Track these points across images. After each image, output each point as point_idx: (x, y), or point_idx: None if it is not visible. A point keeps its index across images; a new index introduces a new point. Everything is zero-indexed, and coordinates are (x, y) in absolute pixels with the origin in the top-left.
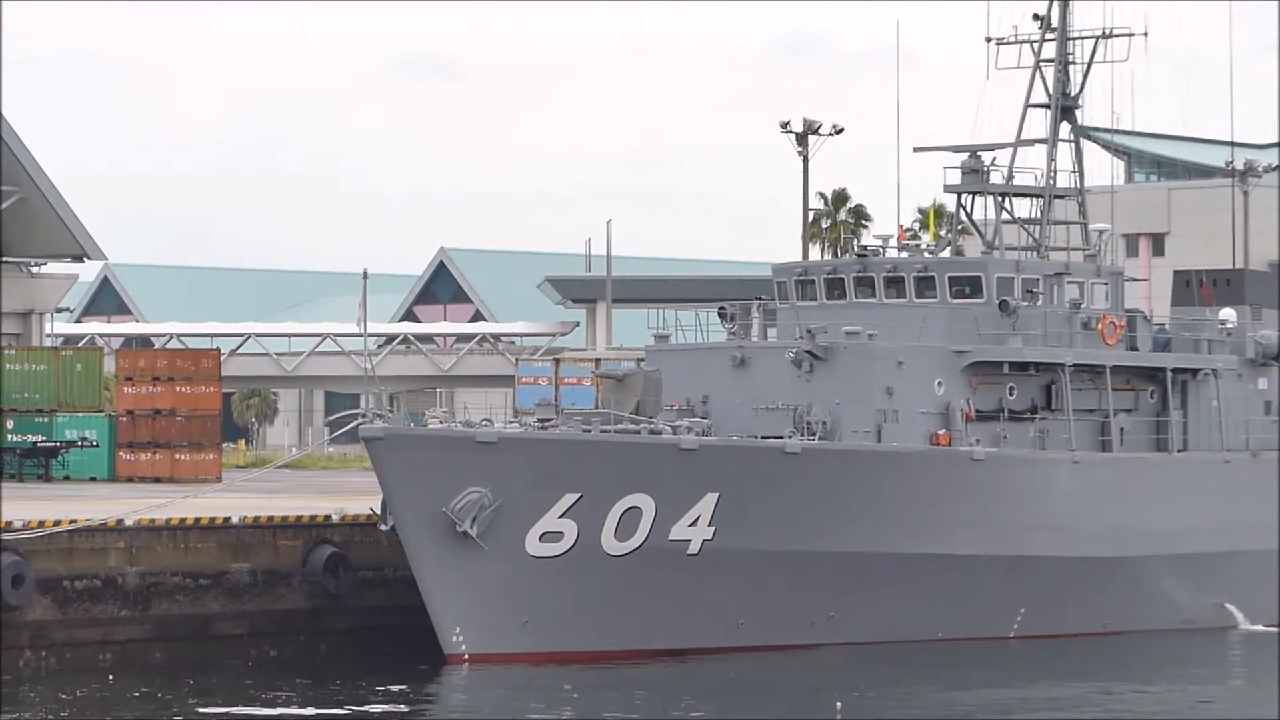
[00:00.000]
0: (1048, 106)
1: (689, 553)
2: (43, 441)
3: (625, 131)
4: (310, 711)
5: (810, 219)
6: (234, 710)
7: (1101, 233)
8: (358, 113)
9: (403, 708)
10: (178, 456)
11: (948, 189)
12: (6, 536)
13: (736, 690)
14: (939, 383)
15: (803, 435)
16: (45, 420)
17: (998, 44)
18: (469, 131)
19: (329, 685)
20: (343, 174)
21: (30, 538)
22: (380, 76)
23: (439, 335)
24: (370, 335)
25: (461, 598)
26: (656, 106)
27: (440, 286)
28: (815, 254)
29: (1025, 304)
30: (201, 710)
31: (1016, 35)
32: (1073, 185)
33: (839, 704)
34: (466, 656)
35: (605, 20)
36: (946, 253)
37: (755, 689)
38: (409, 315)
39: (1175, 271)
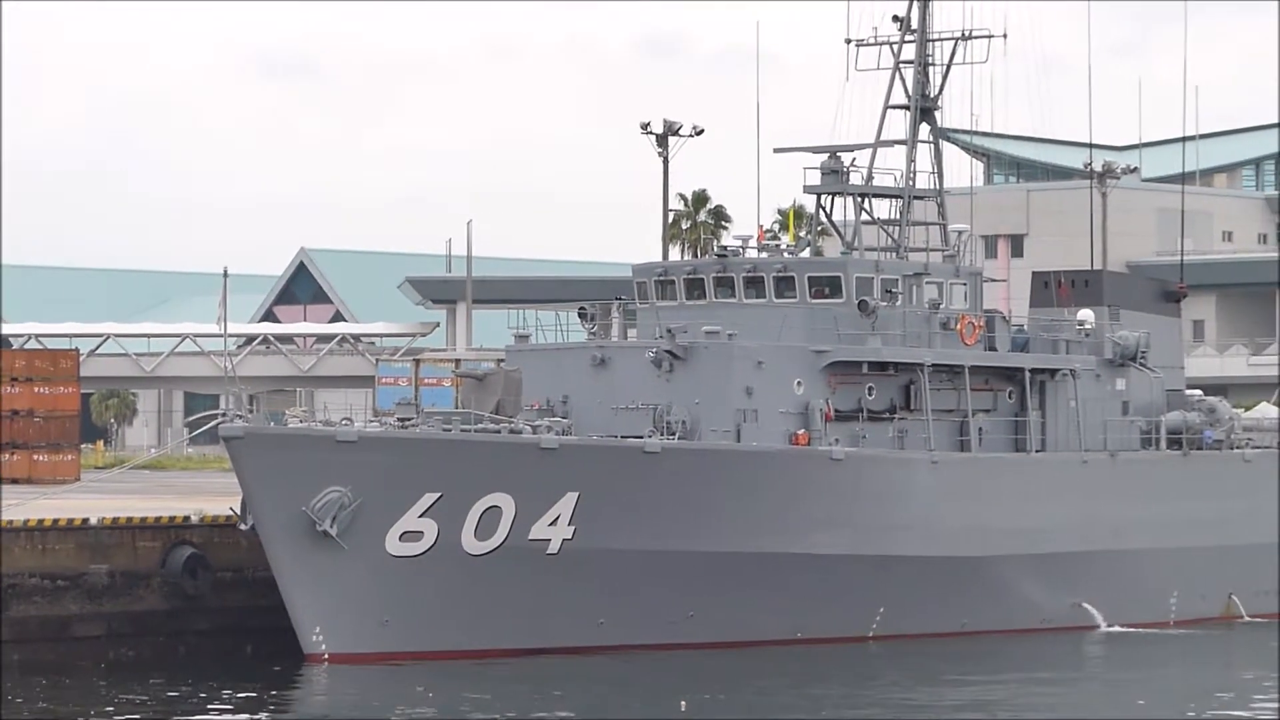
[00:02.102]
0: (907, 108)
1: (549, 552)
2: None
3: (485, 132)
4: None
5: (670, 220)
6: (86, 712)
7: (960, 233)
8: (216, 113)
9: (260, 709)
10: (36, 457)
11: (807, 190)
12: None
13: (592, 688)
14: (798, 382)
15: (662, 435)
16: None
17: (857, 45)
18: (328, 132)
19: (184, 686)
20: (202, 174)
21: None
22: (238, 77)
23: (299, 335)
24: (230, 335)
25: (321, 597)
26: (517, 108)
27: (300, 287)
28: (675, 255)
29: (884, 304)
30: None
31: (876, 37)
32: (932, 186)
33: (683, 703)
34: (326, 656)
35: (466, 21)
36: (806, 253)
37: (609, 688)
38: (269, 315)
39: (1034, 272)
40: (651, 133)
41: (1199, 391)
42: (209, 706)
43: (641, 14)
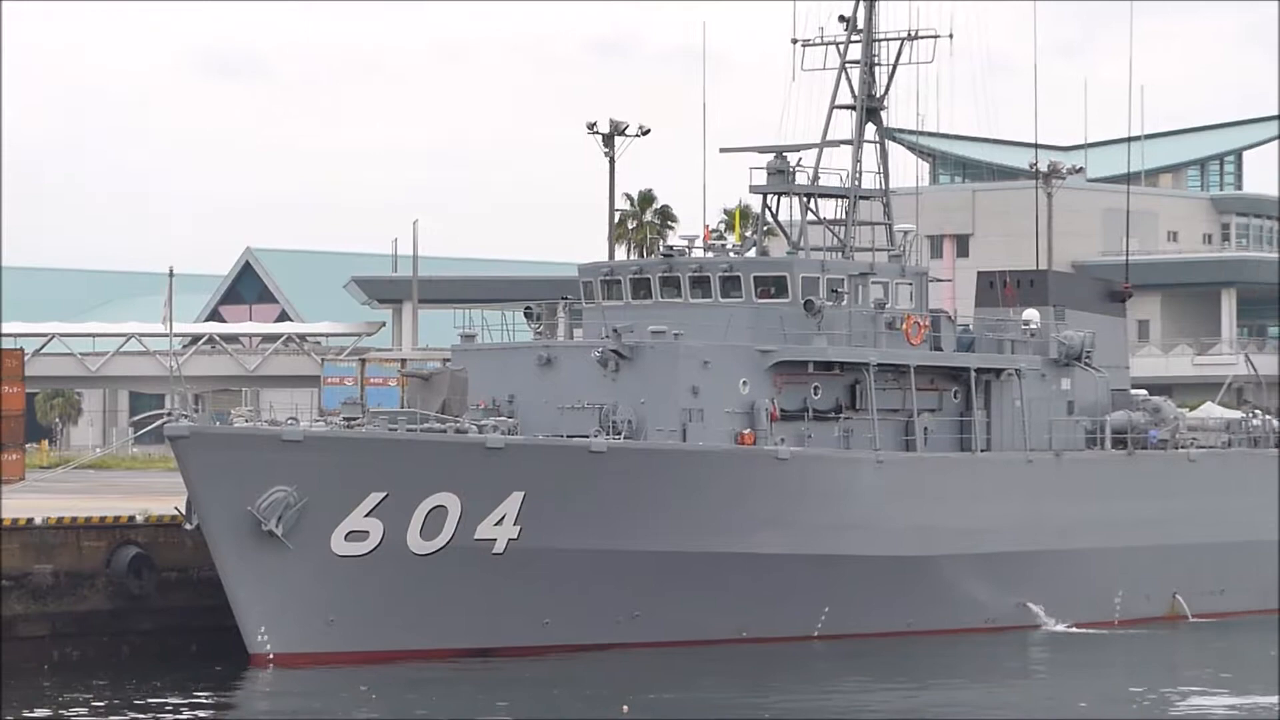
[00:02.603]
0: (853, 108)
1: (494, 552)
2: None
3: (433, 132)
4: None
5: (616, 220)
6: (26, 713)
7: (906, 233)
8: (162, 113)
9: (202, 710)
10: None
11: (753, 190)
12: None
13: (535, 690)
14: (744, 382)
15: (608, 434)
16: None
17: (804, 45)
18: (275, 132)
19: (127, 686)
20: (148, 174)
21: None
22: (186, 76)
23: (244, 335)
24: (175, 335)
25: (266, 597)
26: (464, 107)
27: (246, 286)
28: (621, 254)
29: (830, 304)
30: None
31: (822, 37)
32: (878, 186)
33: (625, 706)
34: (271, 656)
35: (414, 21)
36: (752, 253)
37: (555, 689)
38: (214, 315)
39: (979, 272)
40: (598, 133)
41: (1144, 391)
42: (151, 707)
43: (588, 14)
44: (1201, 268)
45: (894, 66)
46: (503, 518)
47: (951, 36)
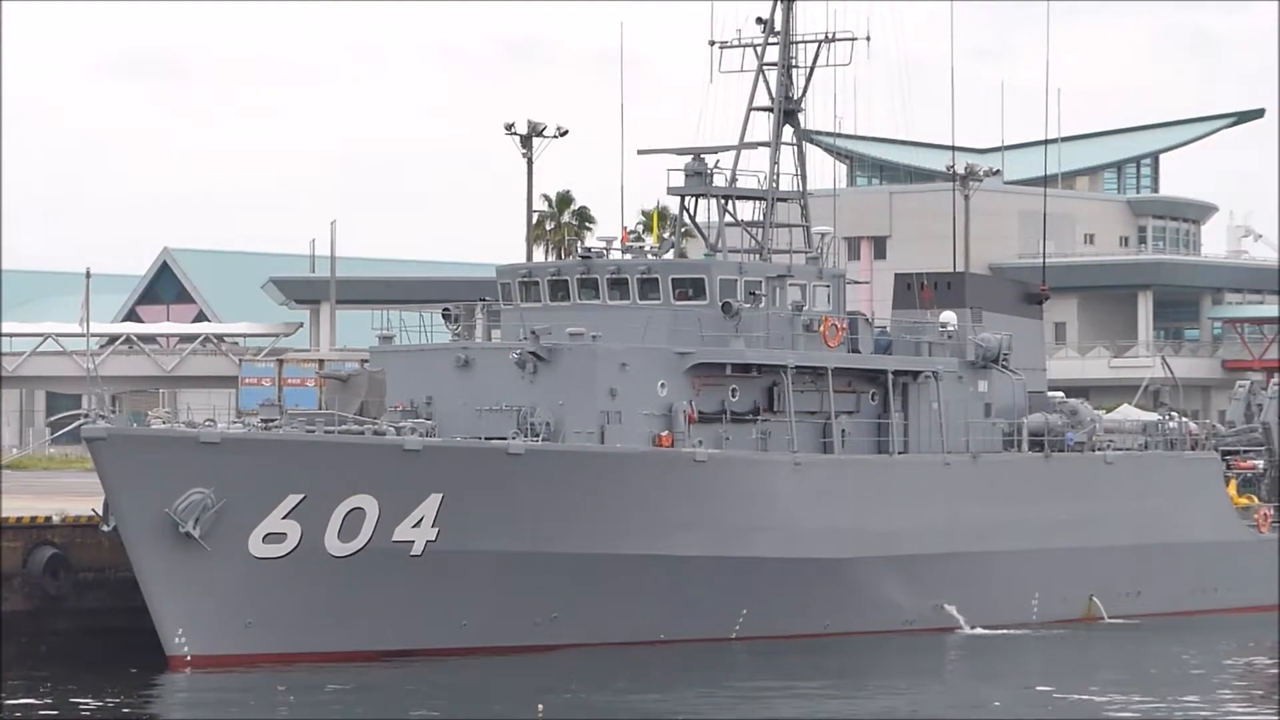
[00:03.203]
0: (771, 110)
1: (412, 554)
2: None
3: (351, 133)
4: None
5: (534, 221)
6: None
7: (824, 235)
8: (79, 112)
9: (116, 712)
10: None
11: (671, 191)
12: None
13: (453, 692)
14: (662, 384)
15: (526, 436)
16: None
17: (721, 47)
18: (193, 132)
19: (42, 687)
20: (65, 173)
21: None
22: (103, 76)
23: (162, 335)
24: (92, 335)
25: (184, 599)
26: (383, 109)
27: (163, 286)
28: (539, 256)
29: (748, 306)
30: None
31: (740, 39)
32: (795, 188)
33: (540, 706)
34: (189, 658)
35: (332, 22)
36: (670, 255)
37: (470, 691)
38: (131, 315)
39: (896, 274)
40: (515, 134)
41: (1061, 393)
42: (67, 708)
43: (505, 15)
44: (1118, 270)
45: (811, 69)
46: (421, 519)
47: (869, 39)
